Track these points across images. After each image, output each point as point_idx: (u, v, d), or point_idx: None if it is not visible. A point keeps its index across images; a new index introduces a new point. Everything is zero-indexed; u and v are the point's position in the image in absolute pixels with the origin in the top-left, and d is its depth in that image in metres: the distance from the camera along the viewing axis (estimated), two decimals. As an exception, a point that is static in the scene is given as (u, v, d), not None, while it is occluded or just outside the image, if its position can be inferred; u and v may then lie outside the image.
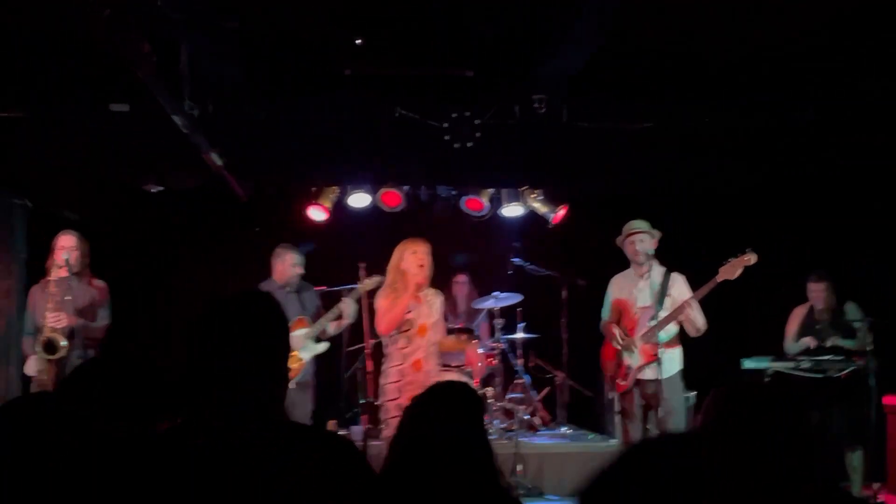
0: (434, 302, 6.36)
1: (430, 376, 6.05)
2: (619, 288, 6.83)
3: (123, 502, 1.99)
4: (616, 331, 6.65)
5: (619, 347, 6.62)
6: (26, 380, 6.68)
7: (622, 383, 6.64)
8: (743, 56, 6.75)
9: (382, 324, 6.23)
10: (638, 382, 6.60)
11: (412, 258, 6.23)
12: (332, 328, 7.26)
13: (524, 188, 8.78)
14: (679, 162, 7.58)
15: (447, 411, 2.89)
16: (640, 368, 6.54)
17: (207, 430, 2.10)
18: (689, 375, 6.66)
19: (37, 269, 6.93)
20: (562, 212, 8.78)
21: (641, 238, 6.59)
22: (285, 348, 2.29)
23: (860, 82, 6.98)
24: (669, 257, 6.77)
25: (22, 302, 7.25)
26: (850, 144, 7.37)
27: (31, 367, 6.53)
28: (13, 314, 7.32)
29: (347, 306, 7.19)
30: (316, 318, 7.23)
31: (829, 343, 7.38)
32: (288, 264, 7.31)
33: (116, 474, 2.01)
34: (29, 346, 6.53)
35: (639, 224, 6.65)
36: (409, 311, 6.23)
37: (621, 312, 6.73)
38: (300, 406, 6.94)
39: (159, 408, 2.46)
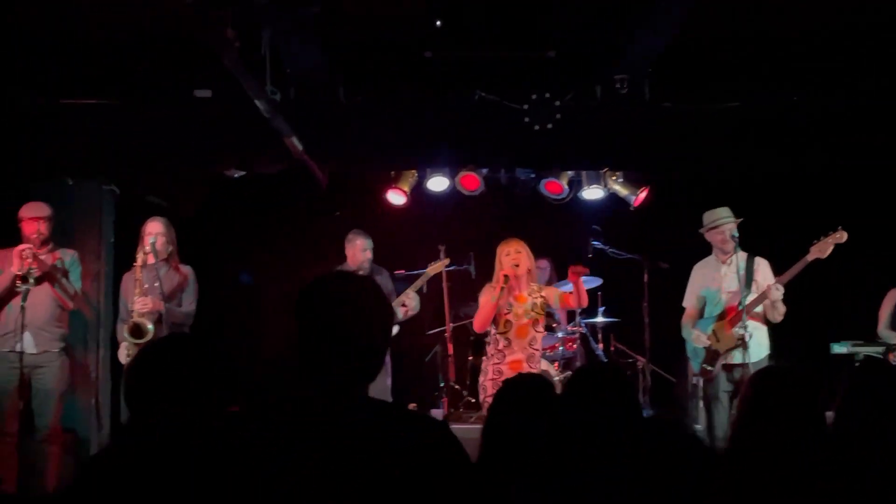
0: (536, 302, 6.32)
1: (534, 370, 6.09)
2: (701, 276, 6.75)
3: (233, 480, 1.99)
4: (700, 334, 6.58)
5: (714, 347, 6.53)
6: (118, 366, 6.83)
7: (708, 368, 6.53)
8: (832, 35, 6.55)
9: (475, 321, 6.36)
10: (724, 367, 6.50)
11: (507, 260, 6.26)
12: (400, 314, 7.34)
13: (605, 170, 8.65)
14: (765, 143, 7.39)
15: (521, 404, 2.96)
16: (727, 352, 6.43)
17: (307, 410, 2.11)
18: (777, 361, 6.52)
19: (124, 254, 7.07)
20: (643, 194, 8.63)
21: (730, 227, 6.52)
22: (384, 330, 2.29)
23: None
24: (753, 241, 6.64)
25: (110, 287, 7.42)
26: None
27: (122, 353, 6.67)
28: (101, 299, 7.47)
29: (411, 299, 7.25)
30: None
31: None
32: (358, 249, 7.44)
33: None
34: (121, 333, 6.67)
35: (724, 213, 6.60)
36: (508, 312, 6.22)
37: (705, 301, 6.66)
38: (378, 391, 6.98)
39: (224, 391, 2.45)
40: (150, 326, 6.52)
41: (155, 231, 6.73)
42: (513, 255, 6.24)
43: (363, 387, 2.22)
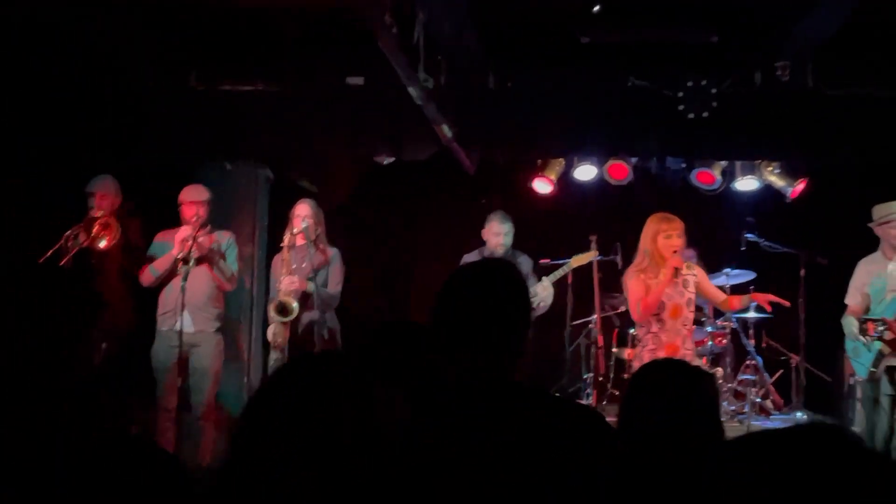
0: (688, 280, 6.03)
1: (687, 360, 5.82)
2: (867, 272, 6.43)
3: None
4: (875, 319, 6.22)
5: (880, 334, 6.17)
6: (268, 345, 7.00)
7: (872, 370, 6.22)
8: None
9: (637, 310, 5.97)
10: (887, 370, 6.18)
11: (666, 243, 5.88)
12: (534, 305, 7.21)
13: (760, 161, 8.35)
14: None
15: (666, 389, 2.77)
16: (892, 356, 6.10)
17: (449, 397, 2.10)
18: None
19: (275, 237, 7.24)
20: (801, 186, 8.31)
21: None
22: (523, 317, 2.26)
23: None
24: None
25: (262, 269, 7.60)
26: None
27: (270, 332, 6.84)
28: (254, 278, 7.67)
29: (544, 289, 7.10)
30: None
31: None
32: (491, 232, 7.32)
33: None
34: (270, 313, 6.83)
35: None
36: (661, 295, 5.98)
37: (870, 300, 6.33)
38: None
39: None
40: (294, 305, 6.65)
41: (304, 213, 6.85)
42: (673, 238, 5.90)
43: (509, 365, 2.20)
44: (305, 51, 7.19)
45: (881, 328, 6.05)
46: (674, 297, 5.92)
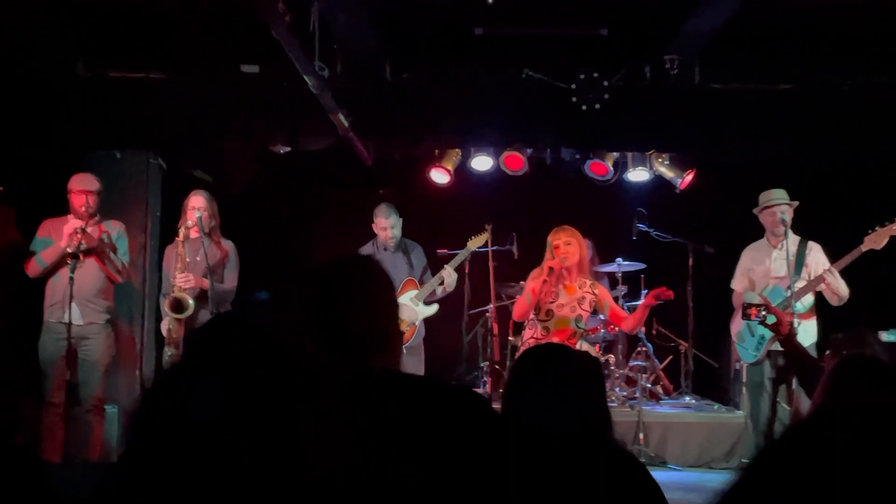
0: (585, 297, 6.07)
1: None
2: (751, 258, 6.66)
3: None
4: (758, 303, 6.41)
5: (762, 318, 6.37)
6: (162, 339, 6.88)
7: (755, 354, 6.46)
8: (890, 15, 6.40)
9: (516, 308, 6.16)
10: (769, 354, 6.42)
11: (555, 251, 6.00)
12: (439, 291, 7.29)
13: (651, 152, 8.57)
14: (818, 127, 7.27)
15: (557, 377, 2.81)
16: (773, 340, 6.33)
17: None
18: (823, 348, 6.43)
19: (168, 228, 7.11)
20: (689, 177, 8.55)
21: (783, 209, 6.41)
22: (382, 312, 2.27)
23: None
24: (804, 227, 6.55)
25: (155, 260, 7.46)
26: None
27: (164, 327, 6.72)
28: (146, 272, 7.53)
29: (448, 275, 7.18)
30: (422, 277, 7.28)
31: None
32: (378, 227, 7.31)
33: None
34: (164, 308, 6.71)
35: (779, 194, 6.48)
36: (552, 301, 6.05)
37: (754, 284, 6.56)
38: (412, 370, 6.96)
39: None
40: (191, 302, 6.55)
41: (199, 205, 6.73)
42: (561, 248, 6.00)
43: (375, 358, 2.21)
44: (199, 38, 7.05)
45: (763, 312, 6.26)
46: (563, 308, 6.01)
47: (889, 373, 2.83)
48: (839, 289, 6.24)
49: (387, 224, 7.26)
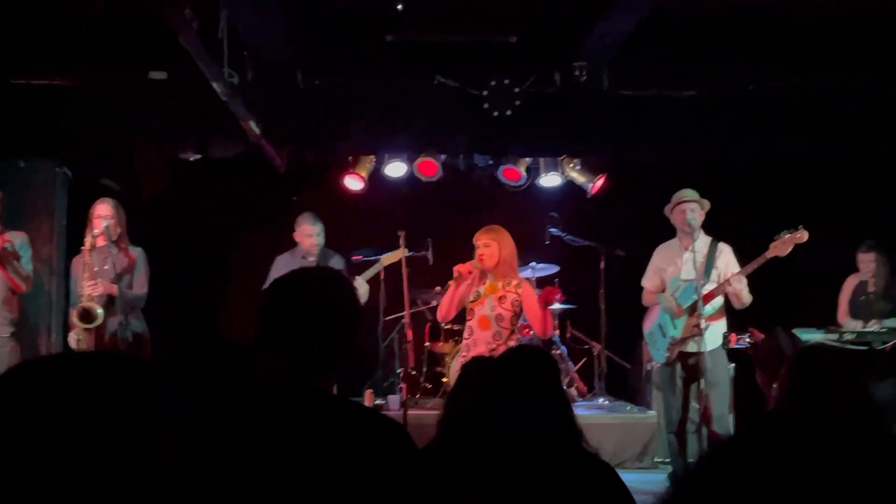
0: (507, 296, 6.01)
1: None
2: (663, 258, 6.75)
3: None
4: (670, 301, 6.53)
5: (674, 314, 6.49)
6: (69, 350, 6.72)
7: (667, 355, 6.57)
8: (791, 22, 6.61)
9: (439, 309, 6.15)
10: (680, 355, 6.53)
11: (477, 252, 5.98)
12: None
13: (562, 158, 8.69)
14: (723, 131, 7.47)
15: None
16: (683, 341, 6.47)
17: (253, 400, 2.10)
18: (731, 348, 6.60)
19: (76, 238, 6.96)
20: (600, 181, 8.70)
21: (692, 207, 6.48)
22: (346, 325, 2.26)
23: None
24: (713, 229, 6.68)
25: (62, 269, 7.30)
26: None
27: (72, 338, 6.56)
28: (53, 281, 7.36)
29: (360, 285, 7.16)
30: None
31: (876, 320, 7.28)
32: (303, 234, 7.26)
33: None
34: (73, 318, 6.55)
35: (689, 193, 6.54)
36: (474, 301, 6.00)
37: (665, 284, 6.66)
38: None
39: None
40: (99, 311, 6.42)
41: (105, 213, 6.61)
42: (480, 248, 5.97)
43: (327, 377, 2.22)
44: (106, 44, 6.92)
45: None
46: (483, 309, 6.04)
47: (848, 357, 2.94)
48: (742, 296, 6.38)
49: (313, 231, 7.22)
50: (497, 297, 6.03)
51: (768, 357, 4.38)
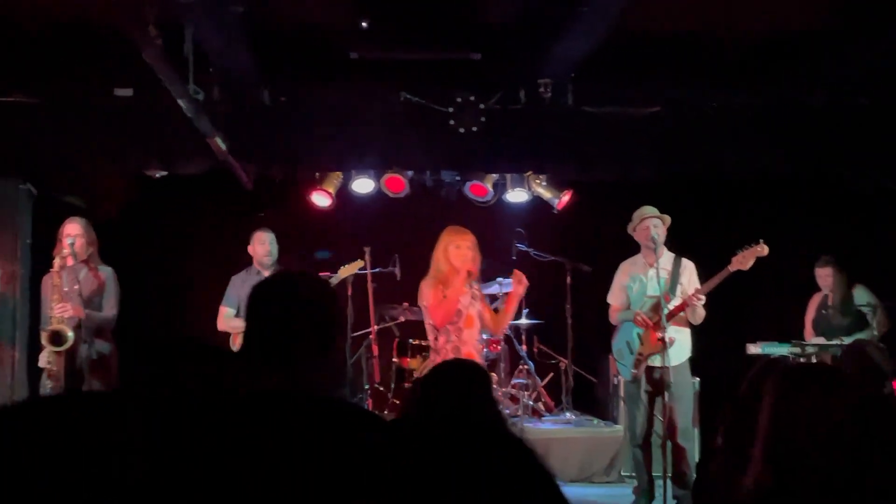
0: (476, 295, 6.13)
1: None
2: (626, 273, 6.79)
3: None
4: (640, 316, 6.57)
5: (650, 326, 6.52)
6: (37, 371, 6.65)
7: (633, 371, 6.61)
8: (752, 40, 6.72)
9: (438, 316, 6.00)
10: (647, 369, 6.57)
11: (456, 253, 5.96)
12: None
13: (529, 174, 8.75)
14: (686, 148, 7.56)
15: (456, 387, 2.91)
16: (649, 355, 6.51)
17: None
18: (694, 362, 6.66)
19: (42, 256, 6.91)
20: (566, 197, 8.76)
21: (655, 223, 6.54)
22: (321, 331, 2.29)
23: (873, 67, 6.91)
24: (678, 246, 6.74)
25: (27, 289, 7.24)
26: (861, 129, 7.35)
27: (43, 358, 6.51)
28: (18, 300, 7.30)
29: None
30: None
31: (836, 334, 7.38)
32: (258, 242, 7.26)
33: None
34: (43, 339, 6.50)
35: (651, 210, 6.61)
36: (458, 302, 6.07)
37: (630, 300, 6.71)
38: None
39: None
40: (69, 334, 6.38)
41: (74, 232, 6.58)
42: (463, 249, 5.97)
43: (310, 378, 2.24)
44: (70, 61, 6.90)
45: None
46: (469, 308, 6.06)
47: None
48: (698, 311, 6.45)
49: (266, 239, 7.22)
50: (471, 296, 6.10)
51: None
